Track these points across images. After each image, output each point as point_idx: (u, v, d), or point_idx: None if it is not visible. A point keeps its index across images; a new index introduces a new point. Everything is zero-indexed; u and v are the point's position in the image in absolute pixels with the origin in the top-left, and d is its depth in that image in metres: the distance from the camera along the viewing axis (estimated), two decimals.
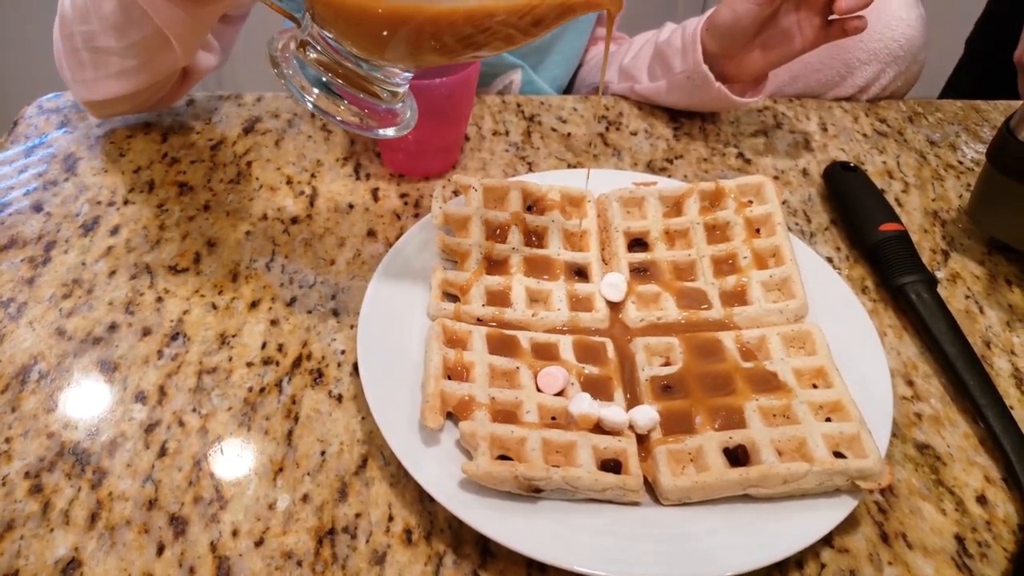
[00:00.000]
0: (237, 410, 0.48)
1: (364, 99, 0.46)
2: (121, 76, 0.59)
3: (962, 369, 0.51)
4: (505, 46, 0.42)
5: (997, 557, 0.44)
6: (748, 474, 0.42)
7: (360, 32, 0.42)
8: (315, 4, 0.43)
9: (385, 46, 0.42)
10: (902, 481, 0.47)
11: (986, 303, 0.59)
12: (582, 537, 0.41)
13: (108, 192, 0.62)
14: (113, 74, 0.59)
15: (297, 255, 0.58)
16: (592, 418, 0.45)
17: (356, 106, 0.45)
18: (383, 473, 0.45)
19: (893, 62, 0.75)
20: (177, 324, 0.53)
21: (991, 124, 0.77)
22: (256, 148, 0.67)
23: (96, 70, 0.59)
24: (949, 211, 0.66)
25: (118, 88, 0.60)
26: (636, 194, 0.58)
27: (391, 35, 0.41)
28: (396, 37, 0.41)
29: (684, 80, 0.69)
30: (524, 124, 0.72)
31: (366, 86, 0.45)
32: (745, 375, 0.48)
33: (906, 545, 0.44)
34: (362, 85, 0.45)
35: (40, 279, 0.55)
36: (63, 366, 0.50)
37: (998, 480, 0.47)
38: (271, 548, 0.42)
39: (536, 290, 0.53)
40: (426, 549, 0.42)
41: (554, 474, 0.41)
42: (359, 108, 0.46)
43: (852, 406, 0.45)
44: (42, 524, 0.42)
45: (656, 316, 0.52)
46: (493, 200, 0.57)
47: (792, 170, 0.70)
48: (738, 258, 0.54)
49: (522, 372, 0.47)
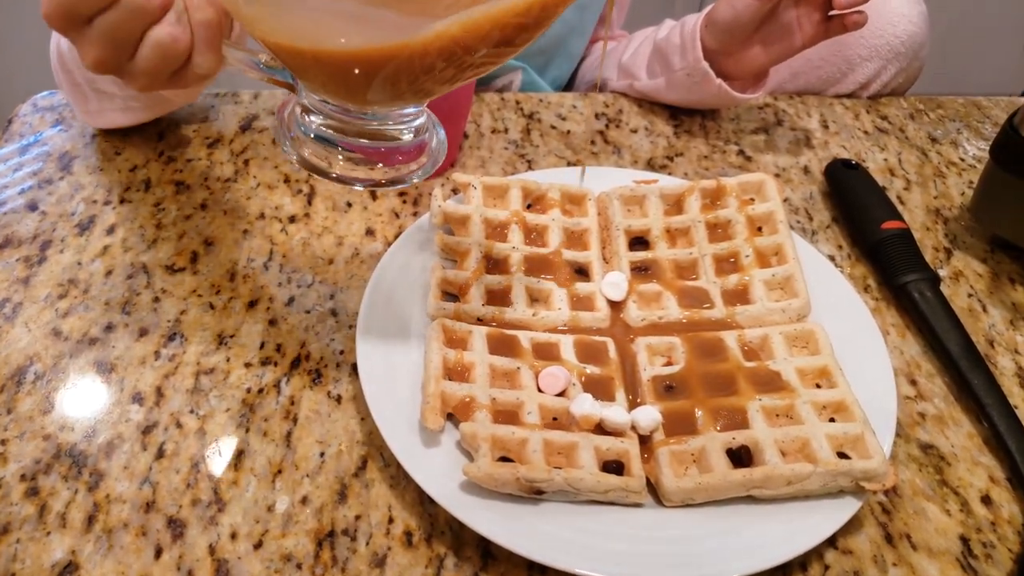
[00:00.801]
0: (235, 411, 0.48)
1: (385, 147, 0.41)
2: (127, 111, 0.60)
3: (965, 368, 0.51)
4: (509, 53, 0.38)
5: (1002, 558, 0.43)
6: (751, 475, 0.42)
7: (336, 81, 0.37)
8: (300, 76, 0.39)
9: (366, 91, 0.37)
10: (906, 481, 0.47)
11: (989, 301, 0.58)
12: (584, 539, 0.40)
13: (104, 191, 0.61)
14: (118, 108, 0.60)
15: (295, 254, 0.57)
16: (594, 419, 0.44)
17: (379, 160, 0.41)
18: (383, 475, 0.45)
19: (895, 59, 0.74)
20: (174, 324, 0.52)
21: (993, 121, 0.76)
22: (253, 146, 0.66)
23: (100, 103, 0.60)
24: (951, 209, 0.66)
25: (124, 120, 0.61)
26: (637, 192, 0.57)
27: (369, 79, 0.36)
28: (378, 81, 0.36)
29: (684, 77, 0.69)
30: (523, 122, 0.72)
31: (381, 133, 0.41)
32: (748, 375, 0.47)
33: (910, 546, 0.44)
34: (377, 135, 0.41)
35: (35, 279, 0.54)
36: (59, 367, 0.49)
37: (1003, 480, 0.47)
38: (270, 551, 0.42)
39: (536, 289, 0.52)
40: (427, 551, 0.42)
41: (556, 476, 0.41)
42: (382, 161, 0.41)
43: (856, 406, 0.45)
44: (38, 527, 0.42)
45: (658, 315, 0.52)
46: (493, 198, 0.57)
47: (793, 168, 0.69)
48: (740, 256, 0.54)
49: (523, 372, 0.47)
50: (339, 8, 0.33)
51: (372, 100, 0.38)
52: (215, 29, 0.38)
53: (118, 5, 0.36)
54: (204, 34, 0.38)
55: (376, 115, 0.40)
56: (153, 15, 0.36)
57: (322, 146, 0.41)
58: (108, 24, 0.36)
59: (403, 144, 0.42)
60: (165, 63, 0.38)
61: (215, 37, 0.38)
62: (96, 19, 0.36)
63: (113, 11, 0.36)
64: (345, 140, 0.41)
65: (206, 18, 0.38)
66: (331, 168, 0.41)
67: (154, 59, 0.37)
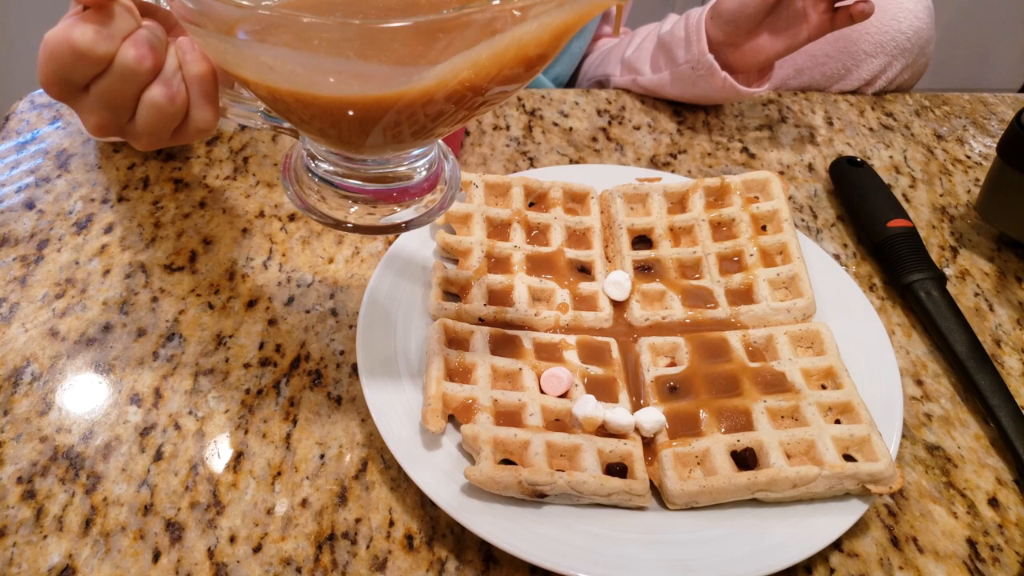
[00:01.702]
0: (234, 412, 0.47)
1: (398, 188, 0.39)
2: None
3: (972, 368, 0.50)
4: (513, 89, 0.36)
5: (1010, 561, 0.43)
6: (756, 478, 0.41)
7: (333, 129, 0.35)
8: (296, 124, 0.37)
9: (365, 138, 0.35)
10: (912, 483, 0.46)
11: (996, 300, 0.58)
12: (587, 543, 0.40)
13: (102, 189, 0.61)
14: None
15: (295, 253, 0.57)
16: (597, 420, 0.44)
17: (393, 201, 0.39)
18: (384, 477, 0.45)
19: (900, 55, 0.74)
20: (173, 324, 0.52)
21: (999, 118, 0.76)
22: (253, 144, 0.66)
23: None
24: (957, 207, 0.65)
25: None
26: (640, 190, 0.57)
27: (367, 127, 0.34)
28: (377, 128, 0.34)
29: (688, 71, 0.68)
30: (525, 119, 0.71)
31: (392, 176, 0.39)
32: (752, 376, 0.47)
33: (917, 549, 0.43)
34: (387, 178, 0.39)
35: (32, 278, 0.54)
36: (56, 368, 0.49)
37: (1010, 482, 0.47)
38: (269, 554, 0.41)
39: (539, 289, 0.52)
40: (428, 555, 0.41)
41: (559, 479, 0.40)
42: (396, 202, 0.39)
43: (862, 407, 0.44)
44: (35, 530, 0.41)
45: (661, 315, 0.51)
46: (494, 197, 0.56)
47: (797, 165, 0.68)
48: (744, 255, 0.53)
49: (525, 373, 0.46)
50: (330, 66, 0.31)
51: (372, 146, 0.37)
52: (210, 82, 0.38)
53: (110, 71, 0.36)
54: (199, 89, 0.38)
55: (382, 160, 0.39)
56: (145, 77, 0.37)
57: (332, 192, 0.39)
58: (103, 90, 0.37)
59: (415, 182, 0.40)
60: (163, 122, 0.38)
61: (211, 91, 0.38)
62: (91, 86, 0.37)
63: (106, 77, 0.36)
64: (354, 184, 0.39)
65: (200, 72, 0.38)
66: (346, 218, 0.39)
67: (152, 119, 0.38)
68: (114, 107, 0.38)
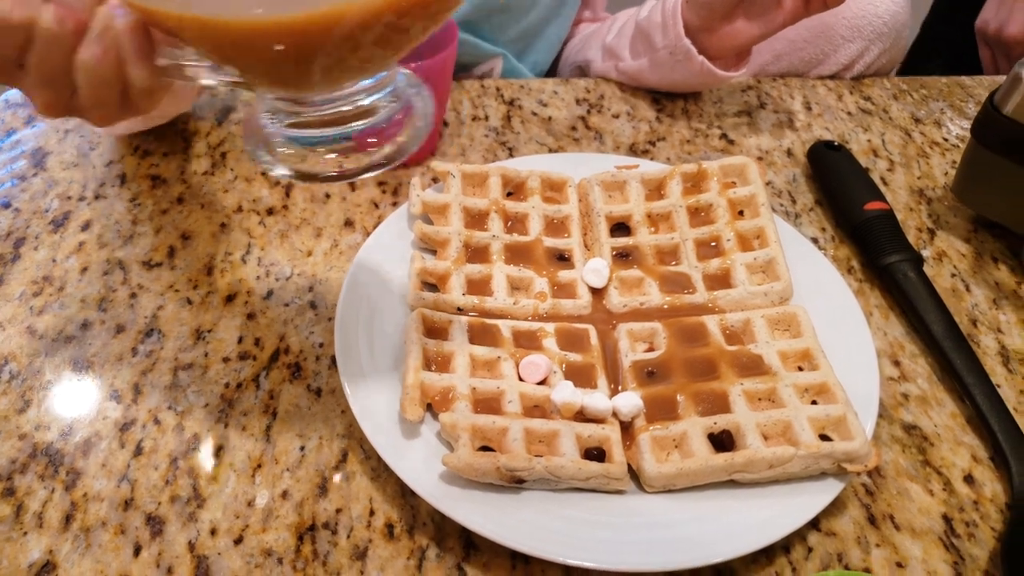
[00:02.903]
0: (214, 406, 0.47)
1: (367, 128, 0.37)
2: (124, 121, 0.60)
3: (948, 348, 0.51)
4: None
5: (985, 536, 0.43)
6: (733, 459, 0.42)
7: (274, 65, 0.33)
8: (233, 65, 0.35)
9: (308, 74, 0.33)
10: (889, 462, 0.47)
11: (972, 281, 0.58)
12: (566, 528, 0.40)
13: (79, 187, 0.61)
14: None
15: (273, 247, 0.57)
16: (575, 406, 0.44)
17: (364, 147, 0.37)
18: (364, 467, 0.45)
19: (877, 39, 0.74)
20: (151, 320, 0.51)
21: (976, 100, 0.76)
22: (230, 139, 0.66)
23: None
24: (934, 189, 0.66)
25: (123, 128, 0.62)
26: (618, 177, 0.57)
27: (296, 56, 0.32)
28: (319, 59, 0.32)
29: (666, 56, 0.68)
30: (504, 108, 0.71)
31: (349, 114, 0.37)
32: (730, 359, 0.47)
33: (894, 527, 0.44)
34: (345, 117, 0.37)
35: (9, 277, 0.54)
36: (34, 366, 0.49)
37: (985, 459, 0.47)
38: (251, 546, 0.41)
39: (517, 278, 0.52)
40: (408, 543, 0.42)
41: (537, 464, 0.41)
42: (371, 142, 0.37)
43: (838, 388, 0.45)
44: (15, 527, 0.41)
45: (639, 301, 0.51)
46: (472, 187, 0.56)
47: (776, 150, 0.69)
48: (722, 240, 0.54)
49: (504, 362, 0.46)
50: None
51: (318, 81, 0.34)
52: (140, 35, 0.36)
53: (35, 39, 0.35)
54: (130, 44, 0.36)
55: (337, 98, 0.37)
56: (70, 39, 0.35)
57: (299, 147, 0.37)
58: (35, 62, 0.36)
59: (381, 117, 0.37)
60: (102, 88, 0.37)
61: (143, 45, 0.36)
62: (25, 61, 0.36)
63: (34, 47, 0.35)
64: (317, 134, 0.37)
65: (126, 24, 0.36)
66: (317, 168, 0.37)
67: (89, 86, 0.36)
68: (50, 79, 0.36)
